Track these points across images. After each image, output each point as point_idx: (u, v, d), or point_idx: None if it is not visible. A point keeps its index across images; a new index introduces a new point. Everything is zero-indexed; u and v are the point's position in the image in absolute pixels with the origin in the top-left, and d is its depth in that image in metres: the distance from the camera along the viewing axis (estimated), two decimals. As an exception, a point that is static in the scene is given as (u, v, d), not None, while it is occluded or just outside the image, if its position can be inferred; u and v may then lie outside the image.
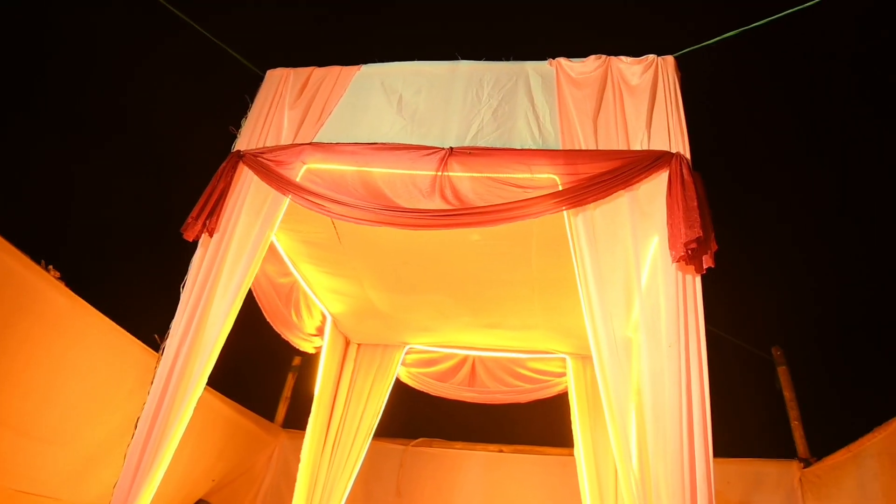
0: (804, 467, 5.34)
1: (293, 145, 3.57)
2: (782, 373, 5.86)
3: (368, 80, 3.81)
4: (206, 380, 3.03)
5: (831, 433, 5.17)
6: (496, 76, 3.64)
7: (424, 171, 3.32)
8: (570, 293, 4.31)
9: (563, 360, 5.29)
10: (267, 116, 3.76)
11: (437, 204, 3.23)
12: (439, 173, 3.24)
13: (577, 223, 3.08)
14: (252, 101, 3.89)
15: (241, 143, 3.71)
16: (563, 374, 5.30)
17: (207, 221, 3.36)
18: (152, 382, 3.01)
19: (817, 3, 3.04)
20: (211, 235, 3.38)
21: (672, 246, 2.83)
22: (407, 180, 3.30)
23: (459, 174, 3.28)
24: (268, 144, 3.67)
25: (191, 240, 3.42)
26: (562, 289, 4.34)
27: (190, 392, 2.96)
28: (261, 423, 6.12)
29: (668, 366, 2.68)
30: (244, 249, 3.31)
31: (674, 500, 2.44)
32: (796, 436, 5.66)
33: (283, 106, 3.78)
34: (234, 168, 3.57)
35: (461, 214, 3.16)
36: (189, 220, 3.44)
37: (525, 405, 5.89)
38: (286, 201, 3.46)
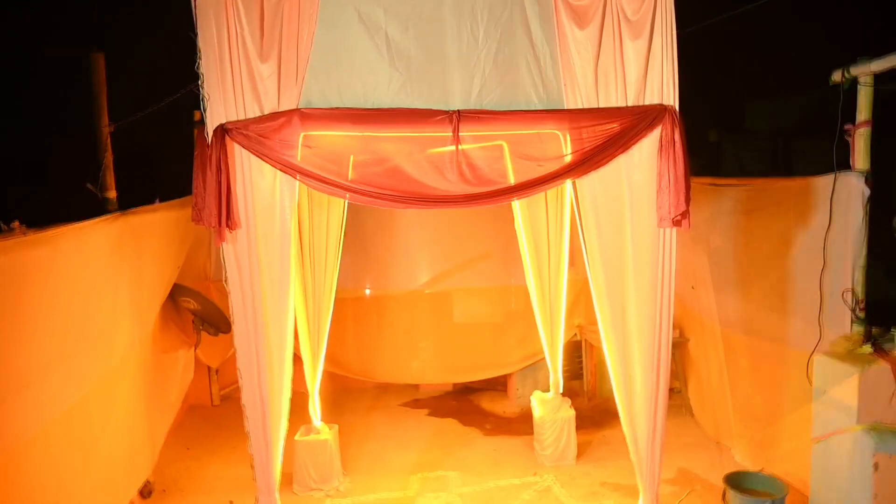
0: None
1: (283, 113, 3.27)
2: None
3: (340, 9, 3.27)
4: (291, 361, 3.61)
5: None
6: (489, 4, 3.30)
7: (434, 133, 3.37)
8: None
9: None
10: (232, 72, 3.24)
11: (454, 178, 3.41)
12: (453, 147, 3.34)
13: (581, 187, 3.52)
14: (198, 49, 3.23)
15: (216, 112, 3.27)
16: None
17: (225, 219, 3.31)
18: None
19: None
20: (232, 230, 3.38)
21: (660, 216, 3.47)
22: (423, 161, 3.37)
23: (471, 146, 3.39)
24: (247, 105, 3.30)
25: (204, 225, 3.40)
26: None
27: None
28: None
29: (647, 297, 3.66)
30: (274, 242, 3.43)
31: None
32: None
33: (246, 53, 3.23)
34: (223, 147, 3.28)
35: (483, 197, 3.42)
36: (194, 210, 3.37)
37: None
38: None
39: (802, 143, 10.79)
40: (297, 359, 4.97)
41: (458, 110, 3.32)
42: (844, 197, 3.99)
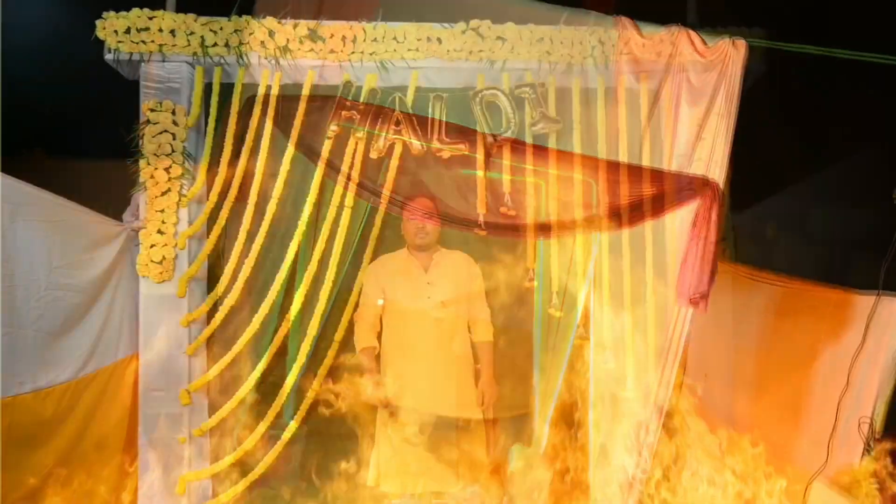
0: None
1: (320, 96, 3.26)
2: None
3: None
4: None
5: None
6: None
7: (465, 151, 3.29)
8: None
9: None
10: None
11: (474, 201, 3.30)
12: (484, 173, 3.25)
13: (602, 243, 3.36)
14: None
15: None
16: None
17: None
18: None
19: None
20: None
21: (679, 292, 3.28)
22: (444, 176, 3.29)
23: (501, 175, 3.29)
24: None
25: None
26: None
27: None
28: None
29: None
30: (279, 225, 3.40)
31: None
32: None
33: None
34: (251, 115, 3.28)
35: (497, 227, 3.30)
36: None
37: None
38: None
39: (861, 258, 10.37)
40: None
41: (496, 134, 3.23)
42: (884, 320, 3.69)
